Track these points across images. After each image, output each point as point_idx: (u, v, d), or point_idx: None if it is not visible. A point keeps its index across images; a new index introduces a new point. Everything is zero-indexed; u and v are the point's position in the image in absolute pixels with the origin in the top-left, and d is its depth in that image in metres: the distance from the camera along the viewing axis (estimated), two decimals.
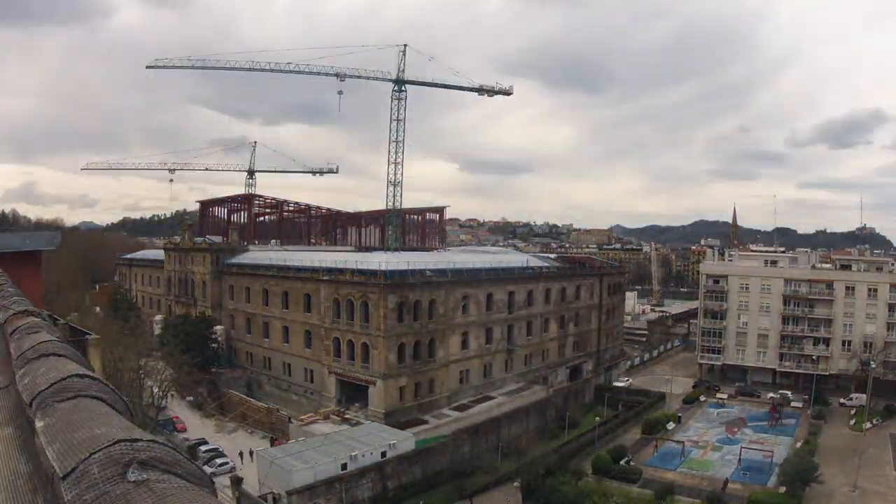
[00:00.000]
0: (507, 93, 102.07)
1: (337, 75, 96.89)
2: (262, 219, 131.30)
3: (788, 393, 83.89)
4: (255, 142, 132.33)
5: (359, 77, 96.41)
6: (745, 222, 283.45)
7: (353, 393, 65.40)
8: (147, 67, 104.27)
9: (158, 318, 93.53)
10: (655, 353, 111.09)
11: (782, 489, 52.59)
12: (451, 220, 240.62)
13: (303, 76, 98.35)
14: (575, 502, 48.87)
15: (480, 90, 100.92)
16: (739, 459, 61.34)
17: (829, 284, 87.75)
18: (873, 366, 78.12)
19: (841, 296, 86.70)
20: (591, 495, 49.65)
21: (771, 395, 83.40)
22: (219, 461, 51.44)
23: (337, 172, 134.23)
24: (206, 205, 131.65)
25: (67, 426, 2.13)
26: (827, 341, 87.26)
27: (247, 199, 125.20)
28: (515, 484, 53.04)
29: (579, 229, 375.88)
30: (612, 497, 49.89)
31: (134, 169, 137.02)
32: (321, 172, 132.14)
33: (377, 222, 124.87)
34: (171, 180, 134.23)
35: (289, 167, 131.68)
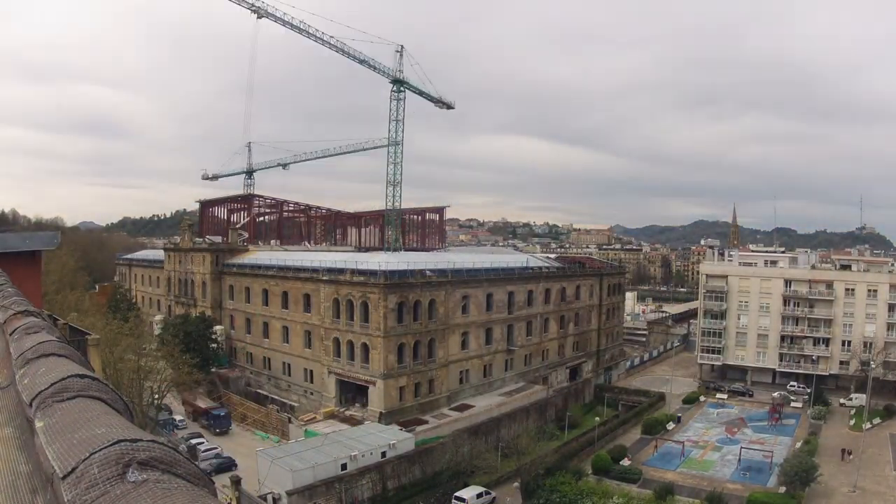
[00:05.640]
0: (451, 106, 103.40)
1: (343, 52, 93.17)
2: (262, 219, 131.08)
3: (789, 394, 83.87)
4: (250, 142, 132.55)
5: (363, 63, 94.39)
6: (744, 222, 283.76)
7: (353, 393, 65.42)
8: None
9: (158, 318, 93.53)
10: (655, 353, 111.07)
11: (782, 489, 52.59)
12: (451, 220, 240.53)
13: None
14: (575, 502, 48.87)
15: (438, 102, 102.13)
16: (739, 459, 61.34)
17: (829, 284, 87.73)
18: (873, 366, 78.13)
19: (841, 296, 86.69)
20: (591, 495, 49.66)
21: (774, 394, 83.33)
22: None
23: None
24: (206, 205, 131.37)
25: (67, 426, 2.13)
26: (827, 341, 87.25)
27: (247, 200, 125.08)
28: (515, 484, 53.09)
29: (579, 229, 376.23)
30: (612, 497, 49.88)
31: None
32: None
33: (377, 222, 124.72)
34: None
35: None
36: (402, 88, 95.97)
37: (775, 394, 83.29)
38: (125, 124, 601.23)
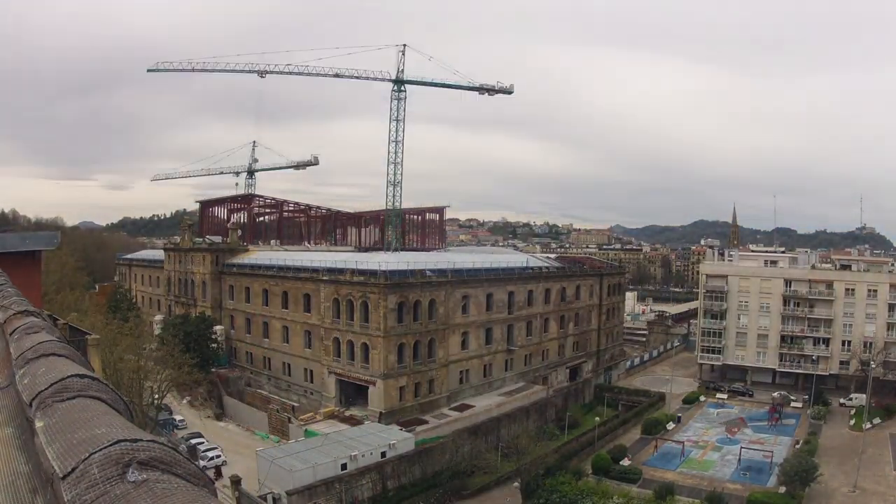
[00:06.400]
0: (509, 91, 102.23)
1: (336, 75, 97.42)
2: (262, 219, 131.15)
3: (788, 394, 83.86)
4: (255, 141, 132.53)
5: (357, 78, 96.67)
6: (745, 222, 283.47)
7: (353, 393, 65.45)
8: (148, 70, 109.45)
9: (158, 318, 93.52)
10: (655, 353, 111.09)
11: (782, 489, 52.59)
12: (451, 220, 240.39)
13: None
14: (575, 502, 48.87)
15: (481, 89, 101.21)
16: (739, 459, 61.34)
17: (829, 284, 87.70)
18: (873, 366, 78.09)
19: (841, 296, 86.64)
20: (591, 495, 49.64)
21: (774, 394, 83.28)
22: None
23: (317, 164, 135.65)
24: (206, 205, 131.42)
25: (67, 426, 2.13)
26: (827, 341, 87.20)
27: (247, 199, 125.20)
28: (515, 484, 53.09)
29: (579, 229, 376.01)
30: (612, 497, 49.87)
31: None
32: (302, 166, 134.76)
33: (377, 222, 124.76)
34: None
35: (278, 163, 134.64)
36: (402, 88, 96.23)
37: (775, 394, 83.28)
38: None
